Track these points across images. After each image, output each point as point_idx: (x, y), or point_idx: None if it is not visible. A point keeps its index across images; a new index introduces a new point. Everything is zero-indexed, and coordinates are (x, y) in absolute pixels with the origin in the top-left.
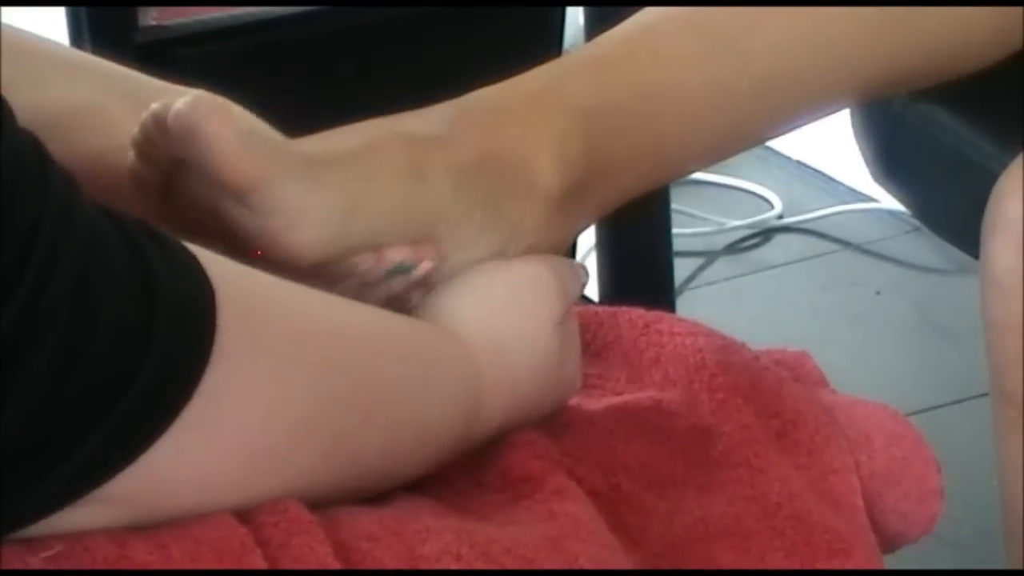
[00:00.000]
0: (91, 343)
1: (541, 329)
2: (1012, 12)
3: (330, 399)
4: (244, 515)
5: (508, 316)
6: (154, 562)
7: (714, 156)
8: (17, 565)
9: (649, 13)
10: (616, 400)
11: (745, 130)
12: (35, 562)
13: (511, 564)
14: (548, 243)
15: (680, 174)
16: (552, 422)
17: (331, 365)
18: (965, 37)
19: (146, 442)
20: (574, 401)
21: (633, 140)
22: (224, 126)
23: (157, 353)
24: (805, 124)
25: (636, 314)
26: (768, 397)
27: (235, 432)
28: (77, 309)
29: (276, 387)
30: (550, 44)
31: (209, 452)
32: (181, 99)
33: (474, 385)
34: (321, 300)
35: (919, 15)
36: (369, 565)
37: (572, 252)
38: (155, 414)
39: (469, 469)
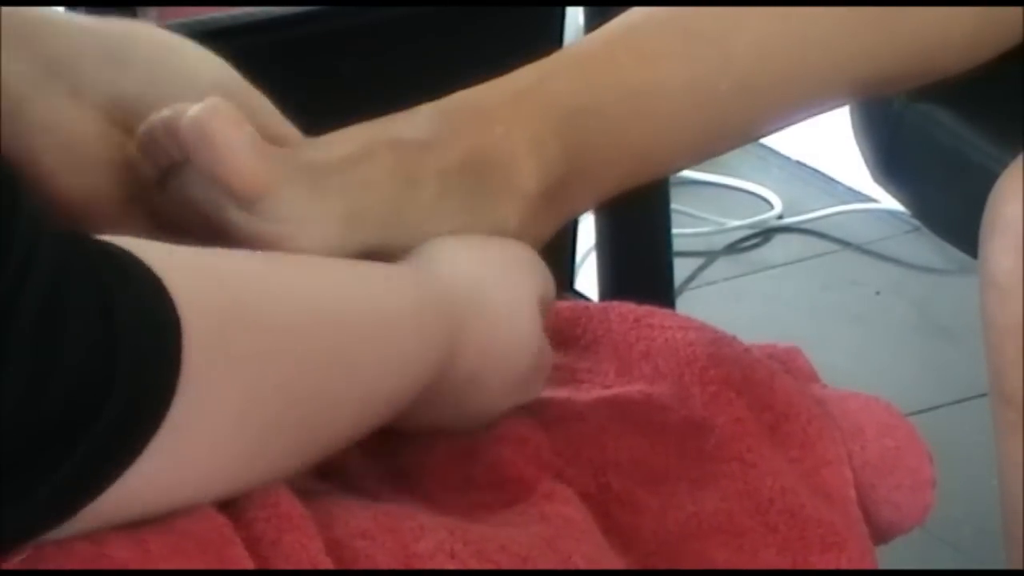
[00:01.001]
0: (54, 374)
1: (526, 293)
2: (996, 12)
3: (301, 391)
4: (234, 511)
5: (495, 269)
6: (133, 560)
7: (698, 155)
8: None
9: (634, 13)
10: (606, 393)
11: (729, 130)
12: (11, 563)
13: (505, 562)
14: (529, 240)
15: (664, 173)
16: (542, 415)
17: (301, 359)
18: (949, 36)
19: (111, 476)
20: (564, 394)
21: (614, 140)
22: (237, 134)
23: (122, 385)
24: (792, 123)
25: (627, 308)
26: (760, 390)
27: (206, 446)
28: (41, 338)
29: (247, 395)
30: (550, 44)
31: (179, 470)
32: (196, 106)
33: (445, 325)
34: (286, 276)
35: (902, 15)
36: (363, 563)
37: (572, 252)
38: (121, 448)
39: (459, 462)
